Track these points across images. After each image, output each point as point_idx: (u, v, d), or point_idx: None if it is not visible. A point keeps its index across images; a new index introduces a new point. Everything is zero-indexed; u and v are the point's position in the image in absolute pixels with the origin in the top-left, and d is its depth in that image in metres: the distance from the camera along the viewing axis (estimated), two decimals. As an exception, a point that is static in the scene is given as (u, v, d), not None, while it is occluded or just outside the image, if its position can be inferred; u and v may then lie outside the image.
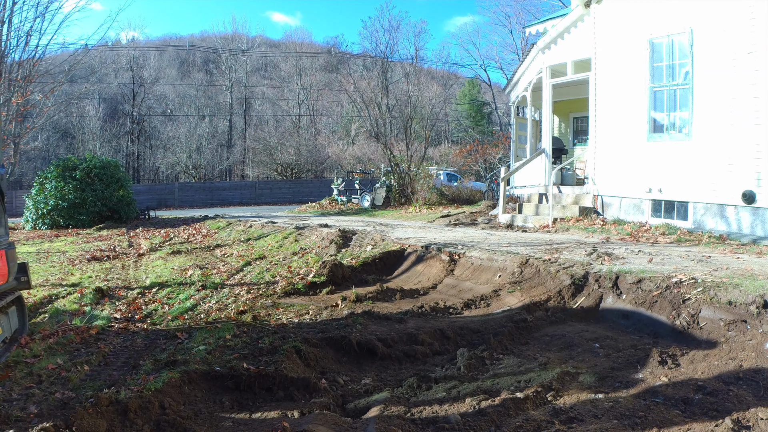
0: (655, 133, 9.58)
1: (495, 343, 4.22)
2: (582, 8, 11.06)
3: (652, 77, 9.50)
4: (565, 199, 11.60)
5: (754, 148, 7.82)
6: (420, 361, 4.06)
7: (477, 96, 44.63)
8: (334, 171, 33.51)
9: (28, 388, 3.48)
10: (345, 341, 4.21)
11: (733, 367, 3.38)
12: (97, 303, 6.27)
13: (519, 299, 5.53)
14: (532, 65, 13.31)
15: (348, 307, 5.67)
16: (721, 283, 4.47)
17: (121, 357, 4.23)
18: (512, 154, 15.78)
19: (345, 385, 3.59)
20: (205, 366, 3.69)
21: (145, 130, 49.29)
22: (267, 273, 8.00)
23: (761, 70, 7.67)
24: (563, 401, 3.21)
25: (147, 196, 31.69)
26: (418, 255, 7.80)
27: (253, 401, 3.40)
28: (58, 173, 18.29)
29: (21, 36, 17.80)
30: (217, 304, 6.08)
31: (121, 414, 2.96)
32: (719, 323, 4.09)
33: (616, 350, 4.09)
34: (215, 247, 11.38)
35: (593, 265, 5.76)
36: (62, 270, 8.67)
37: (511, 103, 16.46)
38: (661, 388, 3.29)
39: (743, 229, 8.06)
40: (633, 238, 8.32)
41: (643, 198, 9.78)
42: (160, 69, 54.03)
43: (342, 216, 17.48)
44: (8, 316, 4.29)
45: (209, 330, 4.83)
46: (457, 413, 3.04)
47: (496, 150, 24.34)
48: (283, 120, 49.82)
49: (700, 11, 8.63)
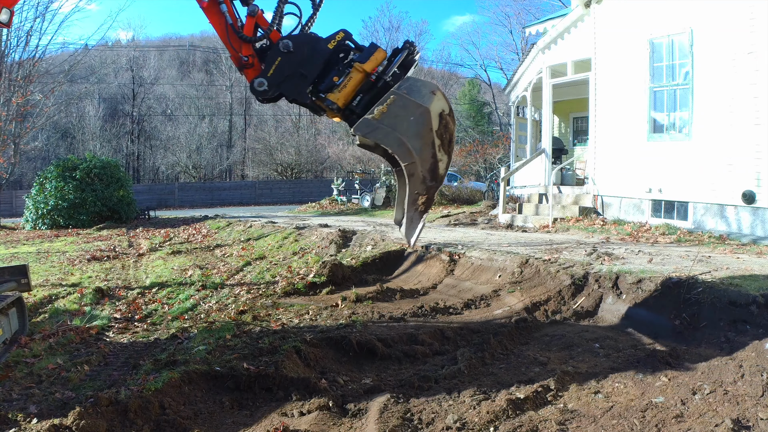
0: (655, 133, 9.59)
1: (495, 343, 4.22)
2: (582, 8, 11.06)
3: (652, 77, 9.50)
4: (565, 199, 11.60)
5: (754, 148, 7.82)
6: (420, 361, 4.06)
7: (477, 96, 44.61)
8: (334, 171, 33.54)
9: (28, 388, 3.48)
10: (345, 341, 4.21)
11: (733, 367, 3.38)
12: (97, 303, 6.26)
13: (519, 299, 5.53)
14: (532, 65, 13.32)
15: (348, 307, 5.67)
16: (721, 284, 4.47)
17: (121, 357, 4.23)
18: (512, 154, 15.78)
19: (345, 385, 3.59)
20: (205, 366, 3.69)
21: (145, 130, 49.30)
22: (267, 273, 8.00)
23: (761, 70, 7.67)
24: (563, 401, 3.21)
25: (147, 196, 31.69)
26: (418, 255, 7.80)
27: (253, 401, 3.40)
28: (58, 173, 18.30)
29: (21, 36, 17.84)
30: (217, 304, 6.08)
31: (121, 414, 2.97)
32: (719, 323, 4.09)
33: (616, 350, 4.09)
34: (215, 247, 11.38)
35: (593, 265, 5.76)
36: (62, 270, 8.67)
37: (511, 103, 16.47)
38: (661, 389, 3.29)
39: (743, 229, 8.06)
40: (633, 238, 8.32)
41: (643, 198, 9.78)
42: (160, 69, 54.04)
43: (342, 216, 17.49)
44: (8, 317, 4.30)
45: (209, 330, 4.84)
46: (457, 413, 3.04)
47: (496, 150, 24.35)
48: (283, 120, 49.81)
49: (700, 11, 8.63)
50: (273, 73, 3.50)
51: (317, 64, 3.50)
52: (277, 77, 3.50)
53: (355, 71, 3.45)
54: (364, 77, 3.45)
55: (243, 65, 3.58)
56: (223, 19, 3.57)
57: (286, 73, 3.50)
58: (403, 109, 3.34)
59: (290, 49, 3.48)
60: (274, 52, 3.51)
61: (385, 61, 3.49)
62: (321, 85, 3.51)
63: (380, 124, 3.33)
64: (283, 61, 3.49)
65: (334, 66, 3.51)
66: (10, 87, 17.52)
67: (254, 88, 3.52)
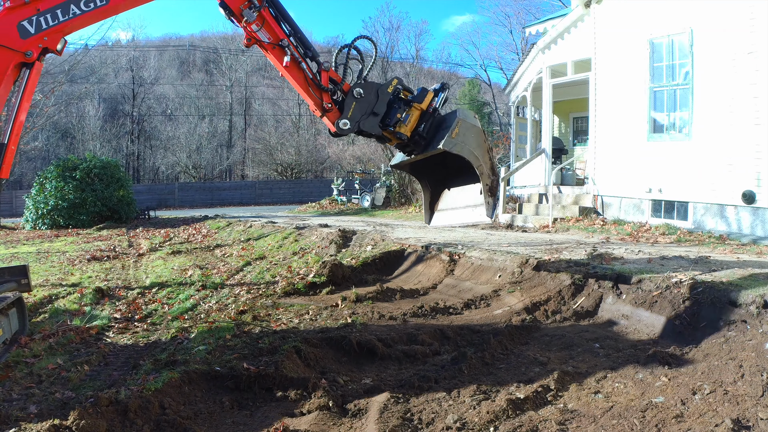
0: (655, 133, 9.59)
1: (495, 343, 4.22)
2: (582, 8, 11.06)
3: (652, 77, 9.50)
4: (565, 199, 11.60)
5: (754, 148, 7.82)
6: (420, 361, 4.06)
7: (477, 96, 44.60)
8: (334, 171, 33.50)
9: (28, 388, 3.49)
10: (345, 341, 4.21)
11: (733, 367, 3.38)
12: (97, 303, 6.27)
13: (519, 299, 5.53)
14: (532, 65, 13.32)
15: (348, 307, 5.67)
16: (721, 284, 4.47)
17: (121, 357, 4.23)
18: (512, 154, 15.78)
19: (345, 385, 3.59)
20: (205, 366, 3.69)
21: (145, 130, 49.28)
22: (267, 273, 8.00)
23: (761, 70, 7.67)
24: (563, 401, 3.22)
25: (147, 196, 31.69)
26: (418, 255, 7.80)
27: (253, 401, 3.40)
28: (58, 173, 18.30)
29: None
30: (217, 304, 6.08)
31: (121, 414, 2.97)
32: (719, 323, 4.09)
33: (616, 350, 4.10)
34: (215, 247, 11.39)
35: (593, 265, 5.76)
36: (62, 270, 8.67)
37: (511, 103, 16.47)
38: (661, 389, 3.29)
39: (743, 229, 8.06)
40: (633, 238, 8.32)
41: (643, 198, 9.78)
42: (160, 69, 54.03)
43: (342, 216, 17.49)
44: (8, 317, 4.30)
45: (209, 330, 4.84)
46: (457, 413, 3.04)
47: (496, 150, 24.32)
48: (283, 120, 49.80)
49: (700, 11, 8.63)
50: (352, 114, 4.50)
51: (383, 105, 4.57)
52: (356, 117, 4.51)
53: (414, 109, 4.59)
54: (421, 112, 4.62)
55: (325, 111, 4.51)
56: (303, 75, 4.47)
57: (361, 113, 4.52)
58: (467, 130, 4.58)
59: (362, 95, 4.50)
60: (350, 98, 4.49)
61: (434, 98, 4.68)
62: (388, 121, 4.58)
63: (457, 140, 4.53)
64: (357, 104, 4.50)
65: (394, 105, 4.58)
66: (10, 87, 17.50)
67: (339, 127, 4.49)
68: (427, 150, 4.72)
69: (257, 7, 4.25)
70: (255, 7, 4.25)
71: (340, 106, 4.54)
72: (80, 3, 3.86)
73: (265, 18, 4.34)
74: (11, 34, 3.76)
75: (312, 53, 4.54)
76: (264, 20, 4.34)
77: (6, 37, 3.75)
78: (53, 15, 3.84)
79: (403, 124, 4.58)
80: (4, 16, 3.78)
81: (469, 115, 4.74)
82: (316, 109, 4.54)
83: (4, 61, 3.74)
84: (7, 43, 3.74)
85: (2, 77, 3.77)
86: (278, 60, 4.44)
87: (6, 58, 3.75)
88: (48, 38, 3.85)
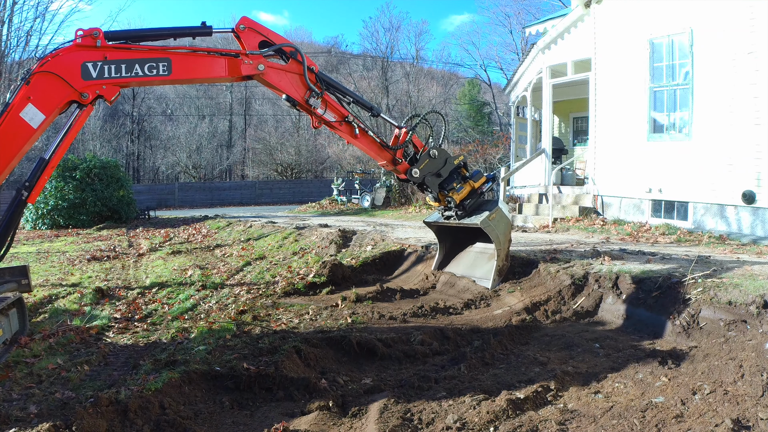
0: (655, 133, 9.59)
1: (495, 343, 4.22)
2: (582, 8, 11.06)
3: (652, 77, 9.50)
4: (565, 199, 11.60)
5: (754, 148, 7.82)
6: (420, 361, 4.06)
7: (477, 96, 44.57)
8: (334, 171, 33.48)
9: (28, 388, 3.49)
10: (345, 341, 4.21)
11: (733, 367, 3.38)
12: (97, 303, 6.27)
13: (519, 299, 5.53)
14: (532, 65, 13.32)
15: (348, 307, 5.67)
16: (721, 283, 4.47)
17: (121, 357, 4.23)
18: (512, 154, 15.79)
19: (345, 385, 3.59)
20: (205, 366, 3.69)
21: (145, 130, 49.25)
22: (267, 273, 8.00)
23: (761, 70, 7.67)
24: (563, 401, 3.22)
25: (147, 196, 31.67)
26: (418, 255, 7.80)
27: (253, 401, 3.40)
28: (58, 173, 18.27)
29: (21, 36, 17.82)
30: (217, 304, 6.08)
31: (121, 414, 2.97)
32: (719, 323, 4.09)
33: (616, 350, 4.10)
34: (215, 247, 11.38)
35: (593, 265, 5.76)
36: (62, 270, 8.67)
37: (511, 103, 16.47)
38: (661, 389, 3.29)
39: (743, 229, 8.06)
40: (633, 238, 8.32)
41: (643, 198, 9.78)
42: (160, 69, 53.90)
43: (342, 216, 17.49)
44: (9, 318, 4.30)
45: (209, 330, 4.84)
46: (457, 413, 3.04)
47: (496, 150, 24.31)
48: (283, 120, 49.78)
49: (700, 11, 8.63)
50: (423, 168, 5.48)
51: (447, 171, 5.61)
52: (425, 171, 5.50)
53: (468, 185, 5.75)
54: (471, 189, 5.77)
55: (397, 164, 5.44)
56: (372, 140, 5.35)
57: (429, 170, 5.52)
58: (501, 218, 5.79)
59: (435, 156, 5.52)
60: (425, 155, 5.48)
61: (485, 183, 5.81)
62: (445, 184, 5.68)
63: (492, 223, 5.67)
64: (429, 162, 5.49)
65: (454, 174, 5.66)
66: (10, 87, 17.51)
67: (411, 174, 5.45)
68: (464, 220, 5.84)
69: (318, 94, 4.85)
70: (316, 94, 4.83)
71: (410, 160, 5.50)
72: (144, 67, 4.08)
73: (327, 101, 5.00)
74: (74, 71, 3.84)
75: (375, 111, 5.48)
76: (327, 103, 5.00)
77: (69, 72, 3.82)
78: (117, 68, 3.99)
79: (456, 192, 5.68)
80: (72, 52, 3.85)
81: (506, 208, 5.89)
82: (387, 164, 5.44)
83: (59, 94, 3.78)
84: (69, 79, 3.81)
85: (53, 109, 3.79)
86: (348, 134, 5.21)
87: (63, 92, 3.80)
88: (106, 87, 3.95)
